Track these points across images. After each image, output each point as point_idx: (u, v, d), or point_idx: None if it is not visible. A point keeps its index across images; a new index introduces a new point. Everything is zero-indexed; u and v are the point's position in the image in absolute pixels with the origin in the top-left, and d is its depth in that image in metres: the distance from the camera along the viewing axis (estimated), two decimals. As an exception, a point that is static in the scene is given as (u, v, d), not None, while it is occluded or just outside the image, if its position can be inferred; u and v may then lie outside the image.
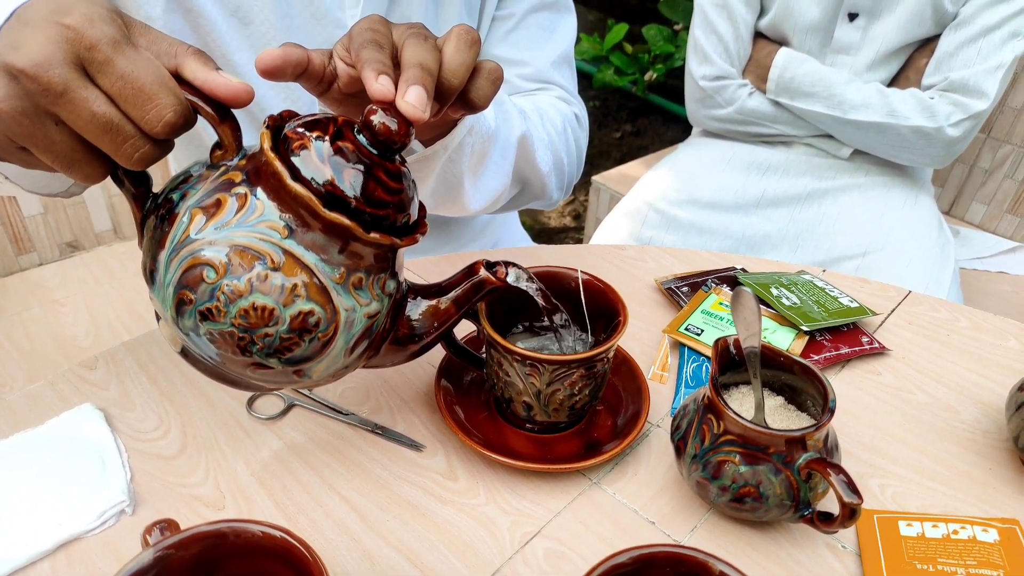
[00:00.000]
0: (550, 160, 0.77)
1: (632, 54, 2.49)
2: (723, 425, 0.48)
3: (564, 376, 0.51)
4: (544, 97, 0.82)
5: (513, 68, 0.83)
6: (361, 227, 0.39)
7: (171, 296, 0.40)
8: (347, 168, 0.40)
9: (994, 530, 0.49)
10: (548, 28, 0.85)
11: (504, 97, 0.69)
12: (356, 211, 0.40)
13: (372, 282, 0.42)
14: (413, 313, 0.47)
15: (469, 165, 0.65)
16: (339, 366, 0.44)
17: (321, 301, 0.40)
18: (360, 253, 0.41)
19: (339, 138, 0.40)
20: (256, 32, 0.69)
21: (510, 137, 0.69)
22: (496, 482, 0.53)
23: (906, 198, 1.24)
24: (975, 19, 1.11)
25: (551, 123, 0.78)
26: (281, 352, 0.41)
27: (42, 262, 1.23)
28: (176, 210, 0.40)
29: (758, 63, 1.24)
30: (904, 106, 1.14)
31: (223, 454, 0.54)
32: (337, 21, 0.70)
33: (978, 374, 0.65)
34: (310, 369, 0.43)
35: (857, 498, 0.44)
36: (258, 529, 0.38)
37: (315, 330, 0.40)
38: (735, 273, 0.75)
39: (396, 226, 0.42)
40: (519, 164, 0.72)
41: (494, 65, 0.47)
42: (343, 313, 0.41)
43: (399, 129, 0.41)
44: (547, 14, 0.85)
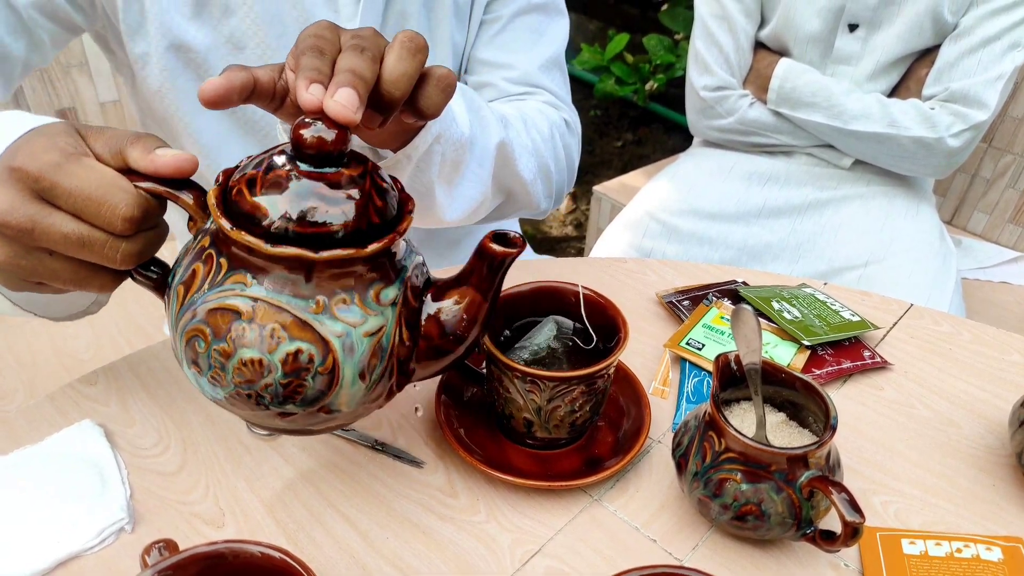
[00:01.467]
0: (534, 167, 0.75)
1: (633, 64, 2.50)
2: (724, 442, 0.48)
3: (564, 392, 0.51)
4: (531, 102, 0.80)
5: (499, 71, 0.82)
6: (311, 250, 0.37)
7: (189, 373, 0.41)
8: (281, 197, 0.38)
9: (998, 549, 0.49)
10: (537, 31, 0.83)
11: (481, 103, 0.67)
12: (301, 237, 0.38)
13: (360, 299, 0.40)
14: (437, 313, 0.43)
15: (441, 174, 0.63)
16: (365, 393, 0.42)
17: (305, 337, 0.39)
18: (332, 275, 0.39)
19: (271, 169, 0.39)
20: (251, 57, 0.69)
21: (488, 144, 0.67)
22: (497, 499, 0.53)
23: (907, 208, 1.24)
24: (975, 30, 1.11)
25: (536, 129, 0.76)
26: (292, 397, 0.40)
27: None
28: (169, 291, 0.41)
29: (759, 73, 1.24)
30: (905, 116, 1.14)
31: (223, 471, 0.54)
32: None
33: (981, 388, 0.65)
34: (333, 405, 0.41)
35: (859, 517, 0.44)
36: (257, 550, 0.38)
37: (311, 367, 0.39)
38: (736, 287, 0.75)
39: (363, 232, 0.39)
40: (499, 172, 0.71)
41: (444, 72, 0.45)
42: (335, 341, 0.39)
43: (330, 137, 0.38)
44: (536, 17, 0.83)
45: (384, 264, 0.41)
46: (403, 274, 0.42)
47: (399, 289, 0.42)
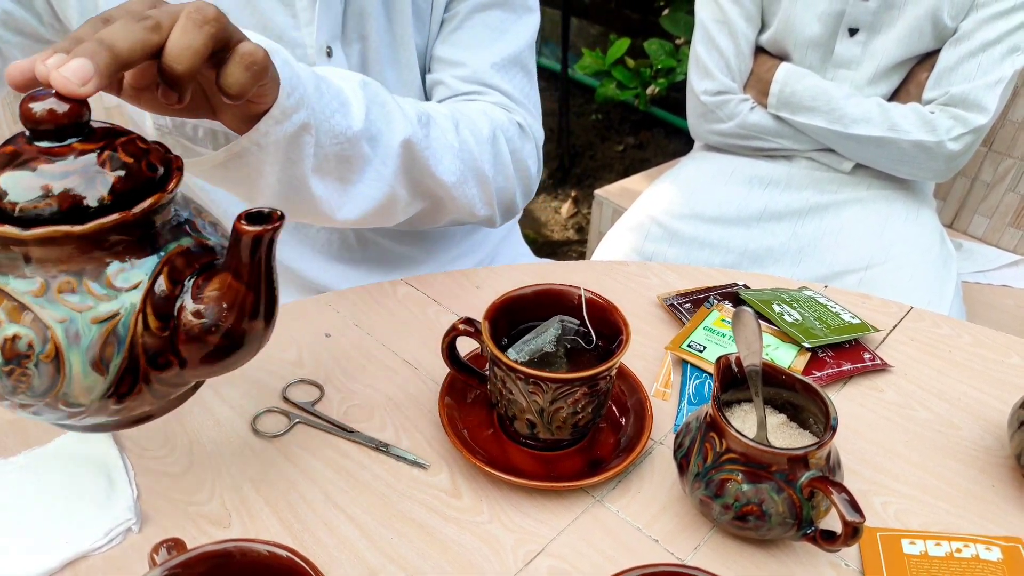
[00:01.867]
0: (457, 170, 0.70)
1: (634, 68, 2.50)
2: (725, 443, 0.48)
3: (567, 394, 0.51)
4: (477, 103, 0.77)
5: (451, 69, 0.79)
6: (21, 227, 0.35)
7: None
8: (4, 175, 0.36)
9: (997, 548, 0.50)
10: (497, 29, 0.80)
11: (387, 98, 0.64)
12: (10, 215, 0.36)
13: (89, 282, 0.37)
14: (192, 301, 0.39)
15: (321, 169, 0.59)
16: (108, 387, 0.39)
17: (24, 321, 0.36)
18: (57, 256, 0.37)
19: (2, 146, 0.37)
20: None
21: (391, 141, 0.64)
22: (500, 500, 0.54)
23: (908, 212, 1.24)
24: (975, 34, 1.11)
25: (471, 130, 0.72)
26: (20, 385, 0.38)
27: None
28: None
29: (759, 78, 1.25)
30: (905, 120, 1.14)
31: (229, 472, 0.54)
32: (294, 40, 0.69)
33: (980, 391, 0.65)
34: (69, 397, 0.38)
35: (859, 516, 0.44)
36: (264, 548, 0.38)
37: (32, 354, 0.37)
38: (737, 290, 0.75)
39: (93, 209, 0.37)
40: (410, 173, 0.67)
41: (250, 48, 0.44)
42: (57, 327, 0.36)
43: (61, 110, 0.36)
44: (497, 13, 0.79)
45: (127, 244, 0.38)
46: (159, 254, 0.39)
47: (146, 272, 0.38)
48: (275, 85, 0.50)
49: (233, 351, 0.41)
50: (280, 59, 0.53)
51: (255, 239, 0.38)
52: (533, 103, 0.83)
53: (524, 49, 0.81)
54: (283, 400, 0.61)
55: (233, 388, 0.61)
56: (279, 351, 0.65)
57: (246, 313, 0.40)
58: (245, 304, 0.40)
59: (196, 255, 0.41)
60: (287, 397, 0.61)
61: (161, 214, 0.40)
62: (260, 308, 0.40)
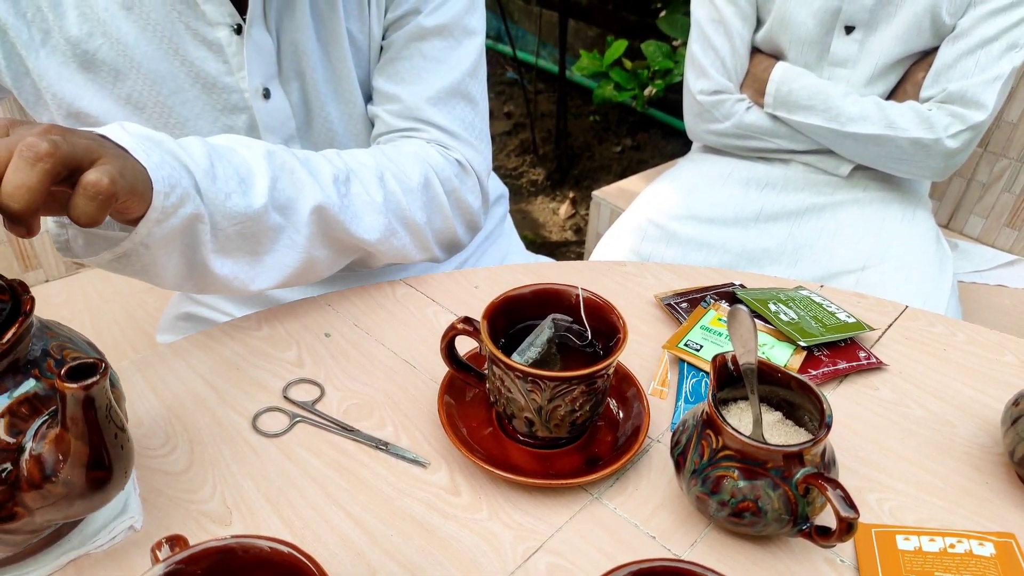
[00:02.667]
0: (381, 226, 0.69)
1: (631, 70, 2.51)
2: (722, 440, 0.49)
3: (565, 392, 0.52)
4: (409, 144, 0.75)
5: (386, 103, 0.76)
6: None
7: None
8: None
9: (990, 544, 0.50)
10: (434, 59, 0.75)
11: (297, 164, 0.63)
12: None
13: None
14: (33, 451, 0.40)
15: (222, 248, 0.59)
16: None
17: None
18: None
19: None
20: (152, 116, 0.68)
21: (303, 209, 0.63)
22: (499, 497, 0.54)
23: (904, 212, 1.25)
24: (973, 31, 1.12)
25: (400, 180, 0.70)
26: None
27: (48, 279, 1.24)
28: None
29: (755, 77, 1.25)
30: (902, 118, 1.15)
31: (229, 470, 0.55)
32: (228, 86, 0.69)
33: (975, 389, 0.66)
34: None
35: (854, 512, 0.45)
36: (266, 544, 0.39)
37: None
38: (733, 289, 0.76)
39: None
40: (326, 236, 0.66)
41: (94, 178, 0.44)
42: None
43: None
44: (435, 42, 0.75)
45: None
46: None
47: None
48: (140, 197, 0.49)
49: (78, 499, 0.41)
50: (162, 152, 0.53)
51: (77, 395, 0.38)
52: (477, 133, 0.79)
53: (465, 77, 0.77)
54: (284, 399, 0.61)
55: (234, 388, 0.62)
56: (279, 351, 0.66)
57: (83, 464, 0.40)
58: (81, 456, 0.40)
59: (44, 399, 0.42)
60: (287, 396, 0.61)
61: (0, 363, 0.40)
62: (101, 458, 0.41)
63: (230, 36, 0.67)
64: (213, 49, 0.67)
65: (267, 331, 0.68)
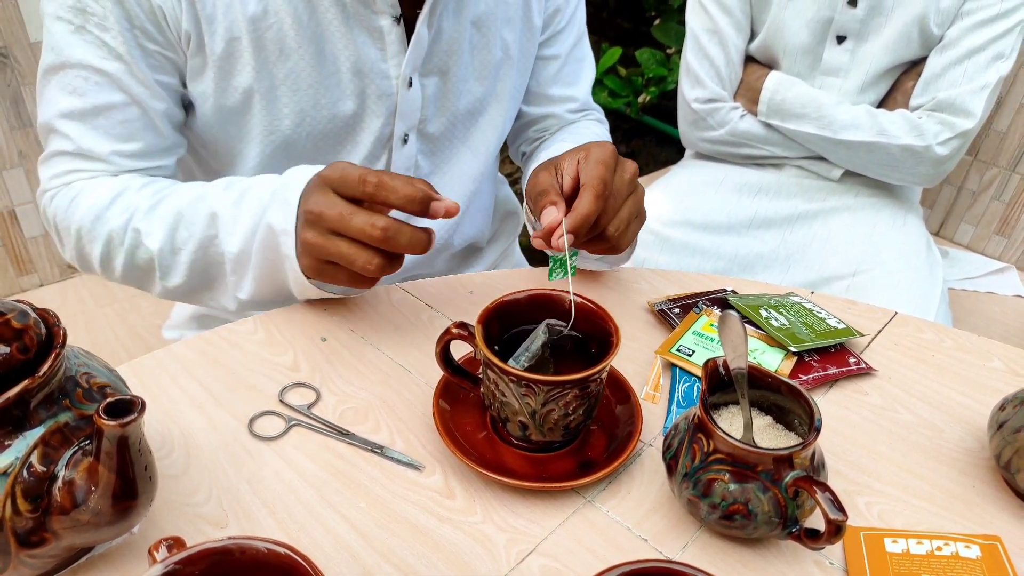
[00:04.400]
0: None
1: (626, 77, 2.53)
2: (713, 444, 0.50)
3: (558, 396, 0.52)
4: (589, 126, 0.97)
5: (563, 104, 0.94)
6: None
7: None
8: None
9: (976, 546, 0.51)
10: (584, 59, 0.95)
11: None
12: None
13: None
14: (65, 479, 0.42)
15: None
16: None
17: None
18: None
19: None
20: (304, 97, 0.74)
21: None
22: (493, 500, 0.55)
23: (895, 219, 1.26)
24: (960, 41, 1.14)
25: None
26: None
27: (43, 283, 1.24)
28: None
29: (749, 86, 1.27)
30: (893, 126, 1.16)
31: (226, 474, 0.55)
32: (381, 72, 0.76)
33: (962, 394, 0.67)
34: None
35: (842, 515, 0.45)
36: (263, 546, 0.39)
37: None
38: (725, 295, 0.76)
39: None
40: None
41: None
42: None
43: None
44: (582, 43, 0.95)
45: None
46: (32, 435, 0.42)
47: (16, 456, 0.41)
48: None
49: (105, 526, 0.43)
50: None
51: (114, 432, 0.40)
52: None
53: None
54: (279, 403, 0.62)
55: (230, 392, 0.62)
56: (276, 355, 0.66)
57: (113, 495, 0.42)
58: (112, 487, 0.42)
59: (75, 429, 0.43)
60: (283, 400, 0.62)
61: (36, 396, 0.42)
62: (130, 489, 0.42)
63: (391, 25, 0.73)
64: (374, 36, 0.73)
65: (263, 336, 0.68)
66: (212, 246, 0.69)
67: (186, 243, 0.69)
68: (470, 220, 0.94)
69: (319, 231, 0.60)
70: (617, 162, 0.67)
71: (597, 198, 0.62)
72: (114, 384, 0.48)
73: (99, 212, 0.70)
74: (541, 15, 0.87)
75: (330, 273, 0.62)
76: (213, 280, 0.72)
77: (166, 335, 0.96)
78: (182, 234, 0.69)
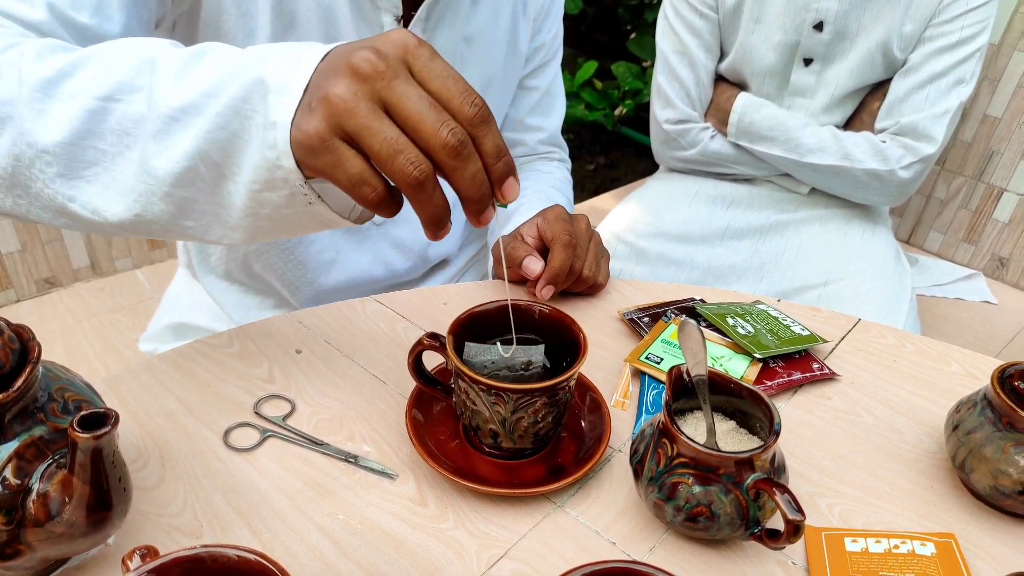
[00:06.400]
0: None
1: (602, 90, 2.56)
2: (676, 448, 0.51)
3: (527, 404, 0.54)
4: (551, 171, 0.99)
5: (533, 134, 0.98)
6: None
7: None
8: None
9: (931, 544, 0.53)
10: (556, 94, 0.99)
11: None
12: None
13: None
14: (39, 492, 0.42)
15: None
16: None
17: None
18: None
19: None
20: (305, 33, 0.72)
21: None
22: (464, 507, 0.56)
23: (864, 230, 1.29)
24: (923, 66, 1.17)
25: None
26: None
27: (20, 299, 1.24)
28: None
29: (719, 107, 1.30)
30: (858, 149, 1.20)
31: (200, 484, 0.56)
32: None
33: (922, 397, 0.69)
34: None
35: (800, 515, 0.47)
36: (234, 553, 0.40)
37: None
38: (693, 304, 0.78)
39: None
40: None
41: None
42: None
43: None
44: (556, 80, 0.98)
45: None
46: (2, 450, 0.42)
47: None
48: None
49: (80, 538, 0.43)
50: None
51: (88, 444, 0.40)
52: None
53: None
54: (255, 414, 0.62)
55: (205, 403, 0.63)
56: (251, 367, 0.67)
57: (87, 506, 0.42)
58: (86, 499, 0.42)
59: (49, 442, 0.44)
60: (258, 411, 0.63)
61: (9, 410, 0.42)
62: (104, 501, 0.43)
63: (392, 24, 0.75)
64: (375, 32, 0.73)
65: (239, 348, 0.69)
66: (128, 99, 0.47)
67: (82, 91, 0.47)
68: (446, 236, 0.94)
69: (367, 91, 0.41)
70: (572, 216, 0.79)
71: (566, 247, 0.74)
72: (90, 398, 0.49)
73: None
74: (528, 44, 0.90)
75: (335, 162, 0.42)
76: (104, 152, 0.49)
77: (142, 347, 0.96)
78: (78, 80, 0.48)
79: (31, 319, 1.15)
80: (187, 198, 0.49)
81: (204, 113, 0.45)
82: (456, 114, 0.42)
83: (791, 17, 1.19)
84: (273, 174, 0.45)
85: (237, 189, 0.47)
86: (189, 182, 0.47)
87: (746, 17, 1.22)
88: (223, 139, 0.45)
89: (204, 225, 0.51)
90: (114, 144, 0.48)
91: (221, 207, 0.49)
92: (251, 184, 0.46)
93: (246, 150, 0.45)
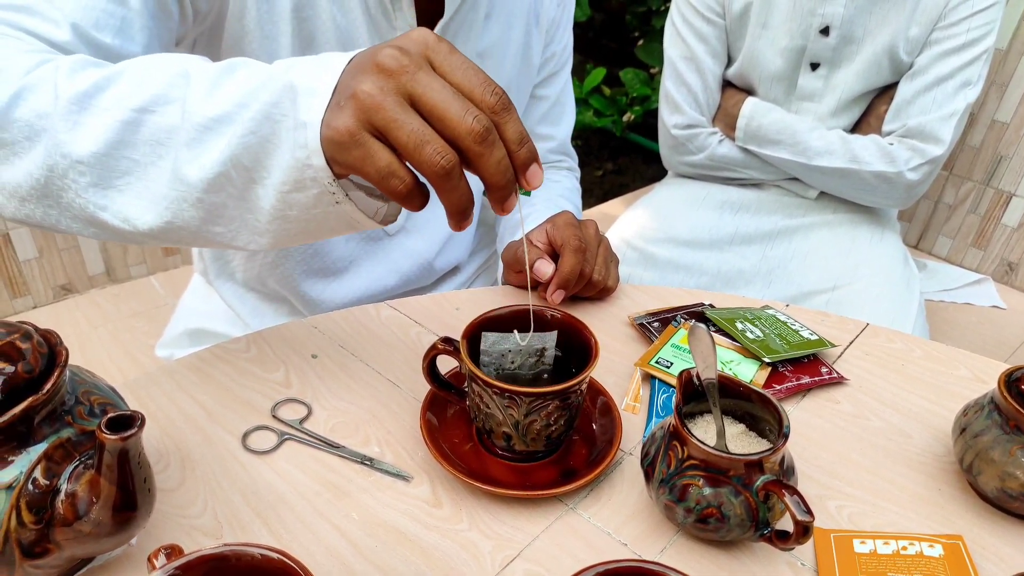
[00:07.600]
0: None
1: (610, 96, 2.58)
2: (687, 451, 0.52)
3: (540, 407, 0.55)
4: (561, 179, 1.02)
5: (544, 143, 0.99)
6: None
7: None
8: None
9: (939, 545, 0.53)
10: (566, 103, 1.00)
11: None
12: None
13: None
14: (67, 492, 0.43)
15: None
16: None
17: None
18: None
19: None
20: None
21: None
22: (478, 509, 0.57)
23: (872, 234, 1.30)
24: (929, 69, 1.18)
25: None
26: None
27: (36, 305, 1.26)
28: None
29: (727, 112, 1.31)
30: (865, 152, 1.20)
31: (220, 486, 0.57)
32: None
33: (930, 401, 0.70)
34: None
35: (809, 516, 0.48)
36: (258, 552, 0.41)
37: None
38: (703, 309, 0.79)
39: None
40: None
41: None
42: None
43: None
44: (567, 89, 0.99)
45: (1, 444, 0.42)
46: (36, 450, 0.43)
47: (21, 470, 0.43)
48: None
49: (105, 537, 0.45)
50: None
51: (115, 446, 0.42)
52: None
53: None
54: (272, 418, 0.64)
55: (223, 407, 0.64)
56: (268, 372, 0.68)
57: (113, 506, 0.44)
58: (113, 499, 0.44)
59: (76, 444, 0.45)
60: (276, 415, 0.64)
61: (39, 412, 0.43)
62: (129, 501, 0.44)
63: None
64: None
65: (256, 352, 0.71)
66: (162, 110, 0.48)
67: (116, 103, 0.49)
68: (454, 245, 0.96)
69: (393, 86, 0.43)
70: (580, 222, 0.79)
71: (576, 251, 0.74)
72: (114, 401, 0.50)
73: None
74: (540, 55, 0.91)
75: (365, 156, 0.44)
76: (137, 162, 0.50)
77: (158, 353, 0.98)
78: (112, 93, 0.49)
79: (48, 325, 1.17)
80: (217, 203, 0.50)
81: (236, 121, 0.47)
82: (479, 103, 0.43)
83: (797, 22, 1.20)
84: (303, 174, 0.46)
85: (266, 192, 0.48)
86: (220, 187, 0.49)
87: (753, 22, 1.23)
88: (254, 144, 0.47)
89: (232, 231, 0.52)
90: (147, 154, 0.49)
91: (250, 211, 0.50)
92: (280, 186, 0.47)
93: (276, 153, 0.46)
